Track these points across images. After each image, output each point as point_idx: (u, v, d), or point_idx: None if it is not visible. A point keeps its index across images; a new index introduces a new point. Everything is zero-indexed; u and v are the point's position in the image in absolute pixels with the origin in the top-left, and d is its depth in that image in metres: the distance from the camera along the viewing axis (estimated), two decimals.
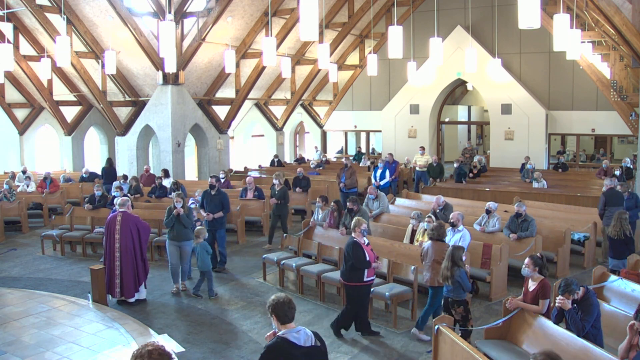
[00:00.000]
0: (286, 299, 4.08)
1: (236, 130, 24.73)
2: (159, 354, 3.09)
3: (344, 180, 14.79)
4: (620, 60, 18.37)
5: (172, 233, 9.52)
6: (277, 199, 12.27)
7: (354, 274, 7.30)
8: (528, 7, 7.47)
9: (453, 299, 6.81)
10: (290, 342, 3.95)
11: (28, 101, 20.87)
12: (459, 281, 6.69)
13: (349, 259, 7.32)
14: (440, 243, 7.55)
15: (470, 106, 29.59)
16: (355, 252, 7.28)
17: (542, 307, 6.18)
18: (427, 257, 7.57)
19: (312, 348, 4.02)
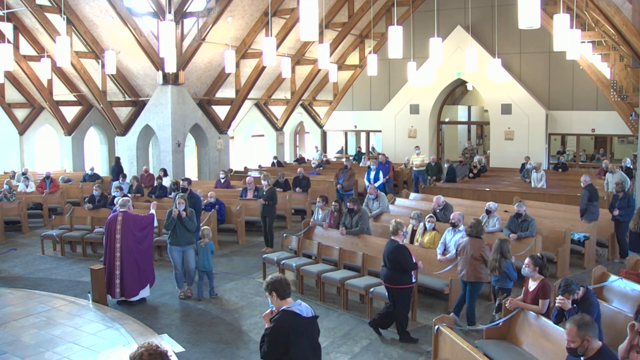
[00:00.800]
0: (283, 277, 4.49)
1: (236, 130, 24.73)
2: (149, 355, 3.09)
3: (342, 181, 14.62)
4: (620, 60, 18.36)
5: (173, 237, 9.13)
6: (265, 200, 12.11)
7: (400, 276, 7.30)
8: (528, 7, 7.47)
9: (500, 287, 7.32)
10: (295, 314, 4.36)
11: (28, 101, 20.87)
12: (506, 271, 7.26)
13: (395, 262, 7.27)
14: (479, 240, 7.73)
15: (470, 106, 29.56)
16: (403, 256, 7.27)
17: (542, 307, 6.18)
18: (463, 253, 7.75)
19: (314, 318, 4.53)
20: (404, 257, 7.25)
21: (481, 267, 7.59)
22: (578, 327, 3.89)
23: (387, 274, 7.38)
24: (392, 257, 7.30)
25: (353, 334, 7.72)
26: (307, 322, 4.48)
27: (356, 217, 10.17)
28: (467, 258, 7.66)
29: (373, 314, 8.21)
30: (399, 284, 7.30)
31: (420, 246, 9.27)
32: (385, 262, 7.41)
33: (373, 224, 11.05)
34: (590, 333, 3.88)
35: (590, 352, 3.97)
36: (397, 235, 7.39)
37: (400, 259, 7.24)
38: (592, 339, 3.90)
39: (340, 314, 8.42)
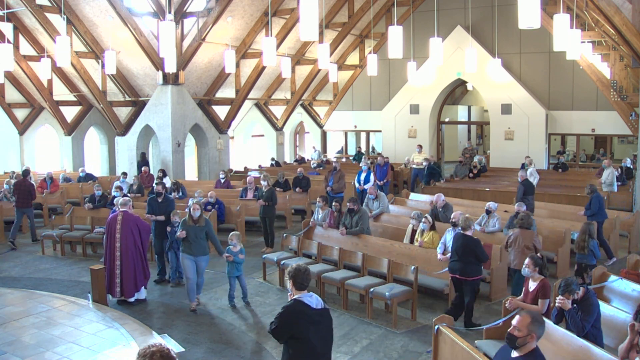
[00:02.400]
0: (305, 269, 4.72)
1: (236, 130, 24.73)
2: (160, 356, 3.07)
3: (332, 183, 14.28)
4: (620, 60, 18.37)
5: (186, 246, 8.64)
6: (265, 201, 12.05)
7: (473, 268, 7.70)
8: (528, 7, 7.46)
9: (586, 264, 7.52)
10: (305, 304, 4.60)
11: (28, 101, 20.86)
12: (592, 250, 8.43)
13: (470, 254, 7.65)
14: (529, 231, 8.41)
15: (470, 106, 29.59)
16: (479, 247, 7.76)
17: (542, 307, 6.18)
18: (515, 244, 8.41)
19: (324, 310, 4.71)
20: (480, 249, 7.75)
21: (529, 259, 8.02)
22: (532, 319, 3.86)
23: (461, 266, 7.72)
24: (467, 249, 7.68)
25: (353, 334, 7.72)
26: (316, 313, 4.65)
27: (356, 217, 10.17)
28: (519, 248, 8.30)
29: (373, 314, 8.23)
30: (473, 276, 7.71)
31: (420, 246, 9.26)
32: (459, 255, 7.74)
33: (373, 224, 11.05)
34: (537, 331, 3.86)
35: (526, 349, 3.93)
36: (470, 230, 7.87)
37: (477, 250, 7.70)
38: (535, 338, 3.86)
39: (340, 314, 8.42)
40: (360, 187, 14.72)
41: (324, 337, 4.76)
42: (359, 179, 14.92)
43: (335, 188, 14.17)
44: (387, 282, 8.48)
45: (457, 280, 7.81)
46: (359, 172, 15.22)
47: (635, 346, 4.90)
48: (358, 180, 14.93)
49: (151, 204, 10.29)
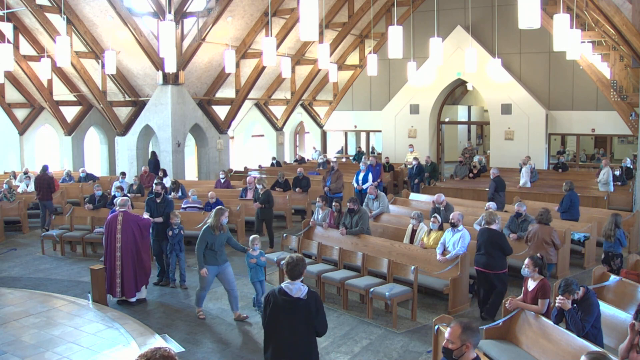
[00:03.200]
0: (297, 260, 4.96)
1: (236, 130, 24.73)
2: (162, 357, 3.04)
3: (329, 184, 14.19)
4: (620, 60, 18.37)
5: (211, 256, 8.08)
6: (261, 203, 11.95)
7: (499, 262, 7.97)
8: (528, 7, 7.46)
9: (613, 252, 8.35)
10: (282, 289, 4.86)
11: (28, 101, 20.86)
12: (619, 238, 8.77)
13: (496, 248, 7.92)
14: (548, 226, 8.86)
15: (470, 106, 29.59)
16: (505, 241, 8.07)
17: (542, 307, 6.18)
18: (534, 238, 8.83)
19: (297, 299, 4.81)
20: (505, 242, 8.07)
21: (551, 250, 8.79)
22: (463, 329, 3.65)
23: (487, 260, 7.93)
24: (492, 243, 7.93)
25: (353, 334, 7.72)
26: (287, 300, 4.80)
27: (356, 217, 10.16)
28: (538, 242, 8.70)
29: (373, 314, 8.23)
30: (499, 269, 7.97)
31: (421, 247, 9.23)
32: (487, 249, 7.96)
33: (373, 224, 11.04)
34: (472, 340, 3.64)
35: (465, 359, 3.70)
36: (495, 224, 8.13)
37: (502, 244, 7.99)
38: (471, 347, 3.64)
39: (340, 314, 8.42)
40: (359, 187, 14.66)
41: (294, 327, 4.80)
42: (357, 179, 14.91)
43: (333, 188, 14.10)
44: (387, 282, 8.48)
45: (482, 273, 8.05)
46: (357, 172, 15.20)
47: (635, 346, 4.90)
48: (357, 180, 14.91)
49: (149, 205, 10.20)
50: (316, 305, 4.88)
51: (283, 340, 4.84)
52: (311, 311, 4.84)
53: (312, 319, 4.86)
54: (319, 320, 4.90)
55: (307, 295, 4.84)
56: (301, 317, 4.82)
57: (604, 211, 12.47)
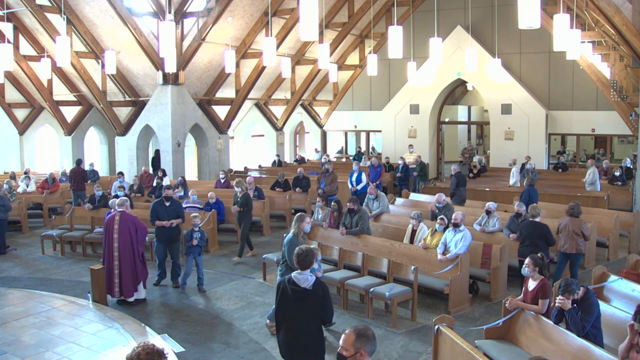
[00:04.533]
0: (306, 251, 5.23)
1: (236, 130, 24.73)
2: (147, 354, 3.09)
3: (324, 186, 13.96)
4: (620, 60, 18.37)
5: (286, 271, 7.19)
6: (240, 207, 11.57)
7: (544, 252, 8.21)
8: (528, 7, 7.46)
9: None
10: (291, 279, 5.14)
11: (28, 101, 20.86)
12: None
13: (541, 239, 8.51)
14: (578, 219, 9.07)
15: (470, 106, 29.59)
16: (549, 232, 8.59)
17: (542, 307, 6.18)
18: (565, 230, 9.03)
19: (304, 290, 5.06)
20: (550, 234, 8.61)
21: (580, 241, 8.95)
22: (357, 336, 3.47)
23: (532, 251, 8.07)
24: (538, 234, 8.50)
25: None
26: (295, 290, 5.09)
27: (356, 217, 10.16)
28: (569, 234, 8.94)
29: (373, 314, 8.23)
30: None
31: (423, 248, 9.19)
32: (532, 240, 8.49)
33: (373, 224, 11.04)
34: (366, 347, 3.46)
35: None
36: (537, 217, 8.73)
37: (547, 235, 8.56)
38: (365, 355, 3.45)
39: (340, 314, 8.41)
40: (354, 188, 14.50)
41: (300, 315, 5.07)
42: (351, 180, 14.77)
43: (327, 190, 13.88)
44: (387, 282, 8.48)
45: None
46: (350, 173, 15.07)
47: (635, 346, 4.90)
48: (351, 182, 14.77)
49: (157, 209, 9.81)
50: (323, 296, 5.12)
51: (291, 327, 5.15)
52: (317, 301, 5.10)
53: (317, 309, 5.13)
54: (325, 310, 5.17)
55: (313, 286, 5.09)
56: (307, 306, 5.09)
57: (604, 211, 12.50)
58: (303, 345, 5.14)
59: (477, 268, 9.03)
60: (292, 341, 5.16)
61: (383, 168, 16.48)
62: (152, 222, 9.83)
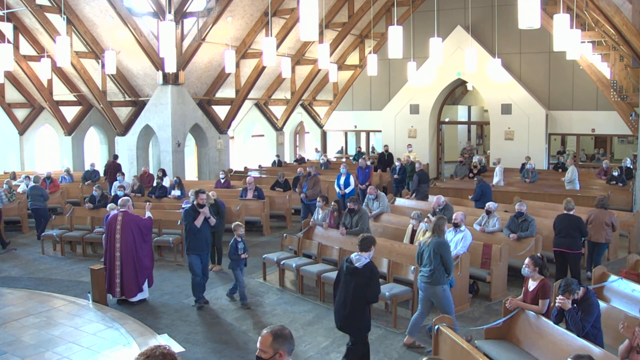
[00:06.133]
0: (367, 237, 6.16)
1: (236, 130, 24.72)
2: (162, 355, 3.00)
3: (306, 190, 13.42)
4: (620, 60, 18.37)
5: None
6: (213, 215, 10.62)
7: (577, 243, 9.04)
8: (528, 7, 7.46)
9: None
10: (350, 257, 6.12)
11: (28, 101, 20.86)
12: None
13: (576, 230, 9.00)
14: (607, 210, 9.77)
15: (470, 106, 29.59)
16: (582, 224, 9.12)
17: (542, 307, 6.18)
18: (595, 221, 9.65)
19: (355, 268, 6.00)
20: (584, 226, 9.17)
21: (609, 231, 9.66)
22: (274, 337, 3.38)
23: (568, 242, 8.97)
24: (573, 226, 9.02)
25: None
26: (349, 268, 6.00)
27: (356, 217, 10.16)
28: (598, 225, 9.59)
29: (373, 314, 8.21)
30: (577, 249, 9.07)
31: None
32: (568, 232, 9.00)
33: (373, 224, 11.04)
34: (284, 347, 3.38)
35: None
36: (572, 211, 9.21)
37: (582, 227, 9.09)
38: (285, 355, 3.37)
39: None
40: (341, 191, 14.11)
41: (346, 291, 5.99)
42: (338, 183, 14.33)
43: (309, 195, 13.35)
44: (387, 282, 8.48)
45: (561, 254, 9.08)
46: (338, 175, 14.61)
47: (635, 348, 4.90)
48: (338, 185, 14.33)
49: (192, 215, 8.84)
50: (370, 276, 5.97)
51: (340, 298, 6.09)
52: (364, 279, 5.93)
53: (364, 286, 5.94)
54: (371, 289, 6.01)
55: (363, 266, 5.96)
56: (356, 282, 5.95)
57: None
58: (348, 315, 6.01)
59: (477, 268, 9.03)
60: (340, 310, 6.11)
61: (372, 169, 16.00)
62: (189, 226, 8.81)
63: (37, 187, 13.88)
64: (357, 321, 6.02)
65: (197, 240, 8.78)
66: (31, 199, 13.73)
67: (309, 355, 7.11)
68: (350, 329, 6.15)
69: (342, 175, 14.43)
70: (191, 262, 8.77)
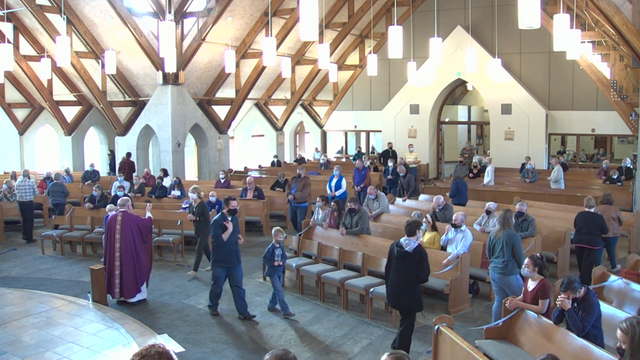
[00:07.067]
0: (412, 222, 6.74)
1: (236, 130, 24.73)
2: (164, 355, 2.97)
3: (294, 192, 12.96)
4: (620, 60, 18.36)
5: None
6: (196, 216, 10.60)
7: (597, 239, 9.28)
8: (528, 7, 7.46)
9: None
10: (399, 242, 6.70)
11: (28, 101, 20.86)
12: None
13: (597, 227, 9.24)
14: (612, 206, 10.06)
15: (470, 106, 29.58)
16: (603, 221, 9.33)
17: (542, 307, 6.17)
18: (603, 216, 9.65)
19: (405, 252, 6.58)
20: (604, 222, 9.37)
21: (616, 225, 9.94)
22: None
23: (588, 238, 9.24)
24: (594, 223, 9.23)
25: (353, 334, 7.72)
26: (399, 252, 6.61)
27: (356, 217, 10.16)
28: (606, 219, 9.57)
29: (373, 314, 8.23)
30: (597, 246, 9.29)
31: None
32: (589, 228, 9.25)
33: (373, 224, 11.04)
34: None
35: None
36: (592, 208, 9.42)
37: (602, 224, 9.31)
38: None
39: (340, 314, 8.42)
40: (332, 193, 13.67)
41: (398, 273, 6.66)
42: (330, 185, 13.94)
43: (298, 197, 12.89)
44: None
45: (583, 249, 9.32)
46: (330, 177, 14.24)
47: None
48: (329, 187, 13.93)
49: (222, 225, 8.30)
50: (420, 258, 6.55)
51: (393, 280, 6.73)
52: (415, 262, 6.53)
53: (415, 268, 6.55)
54: (421, 270, 6.58)
55: (413, 250, 6.53)
56: (407, 265, 6.55)
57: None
58: (402, 295, 6.69)
59: (477, 268, 9.02)
60: (393, 291, 6.78)
61: (368, 171, 15.67)
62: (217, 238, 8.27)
63: (58, 184, 14.67)
64: (411, 299, 6.67)
65: (224, 252, 8.25)
66: (52, 196, 14.47)
67: (309, 355, 7.11)
68: (404, 306, 6.80)
69: (334, 177, 14.02)
70: (216, 274, 8.35)
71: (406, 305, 6.77)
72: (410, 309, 6.78)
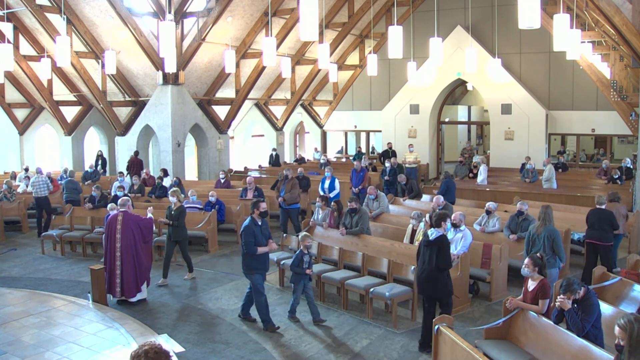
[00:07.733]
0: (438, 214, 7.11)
1: (236, 130, 24.73)
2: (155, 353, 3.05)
3: (283, 193, 12.70)
4: (620, 60, 18.37)
5: None
6: (173, 221, 10.06)
7: (608, 235, 9.39)
8: (528, 7, 7.46)
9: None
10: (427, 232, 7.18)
11: (28, 101, 20.86)
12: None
13: (608, 224, 9.36)
14: (617, 203, 10.16)
15: (470, 106, 29.58)
16: (614, 218, 9.45)
17: (542, 307, 6.17)
18: None
19: (429, 240, 6.98)
20: (615, 219, 9.51)
21: (622, 221, 9.98)
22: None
23: (600, 234, 9.38)
24: (605, 219, 9.39)
25: (353, 334, 7.72)
26: (427, 240, 7.02)
27: (356, 217, 10.16)
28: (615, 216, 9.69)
29: (373, 314, 8.23)
30: (608, 242, 9.40)
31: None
32: (600, 225, 9.40)
33: (373, 224, 11.04)
34: None
35: None
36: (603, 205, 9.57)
37: (613, 221, 9.45)
38: None
39: (340, 314, 8.42)
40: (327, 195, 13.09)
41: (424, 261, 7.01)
42: (322, 187, 13.81)
43: (287, 198, 12.61)
44: (387, 282, 8.48)
45: (594, 245, 9.44)
46: (322, 179, 14.08)
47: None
48: (322, 188, 13.77)
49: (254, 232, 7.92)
50: (441, 247, 6.87)
51: (421, 267, 7.10)
52: (436, 249, 6.85)
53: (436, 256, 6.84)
54: (440, 258, 6.84)
55: (435, 238, 6.92)
56: (431, 252, 6.91)
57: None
58: (430, 282, 6.95)
59: (477, 268, 9.02)
60: (421, 277, 7.05)
61: (366, 172, 15.51)
62: (250, 248, 7.84)
63: (73, 181, 14.98)
64: (437, 285, 6.92)
65: (260, 258, 7.90)
66: (67, 192, 14.72)
67: (309, 355, 7.11)
68: (431, 292, 7.01)
69: (326, 178, 13.81)
70: (255, 282, 7.85)
71: (433, 291, 7.01)
72: (438, 295, 7.02)
